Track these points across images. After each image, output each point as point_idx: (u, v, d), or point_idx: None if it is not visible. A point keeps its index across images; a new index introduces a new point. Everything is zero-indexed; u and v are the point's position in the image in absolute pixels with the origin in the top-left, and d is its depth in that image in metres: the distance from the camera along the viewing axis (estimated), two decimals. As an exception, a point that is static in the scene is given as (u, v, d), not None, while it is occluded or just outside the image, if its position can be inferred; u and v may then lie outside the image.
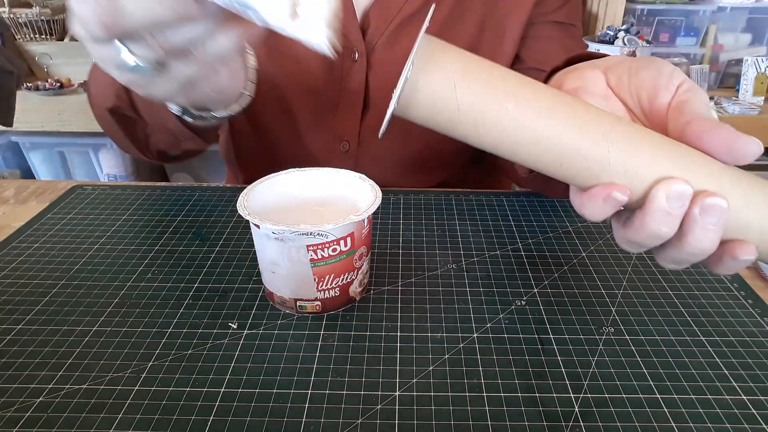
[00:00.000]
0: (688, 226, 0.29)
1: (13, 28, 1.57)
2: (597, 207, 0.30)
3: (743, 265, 0.31)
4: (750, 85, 1.55)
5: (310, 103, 0.63)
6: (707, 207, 0.29)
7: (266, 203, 0.43)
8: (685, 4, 1.67)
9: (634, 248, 0.32)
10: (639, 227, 0.30)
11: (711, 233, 0.29)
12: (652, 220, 0.30)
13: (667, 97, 0.32)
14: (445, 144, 0.65)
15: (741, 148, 0.29)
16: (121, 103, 0.52)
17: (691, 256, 0.31)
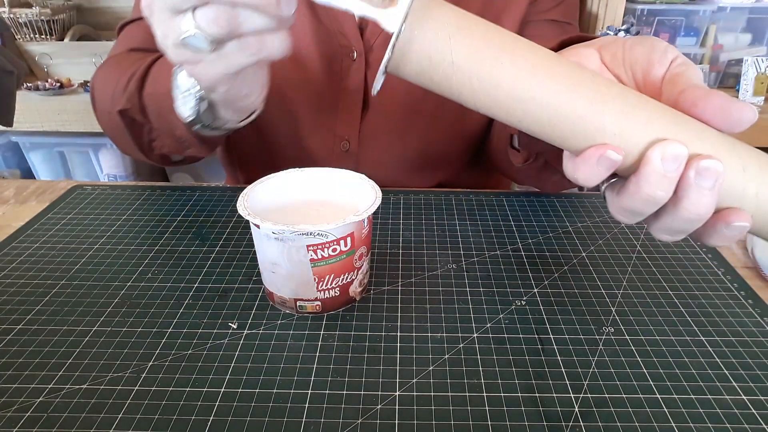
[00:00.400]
0: (684, 190, 0.29)
1: (13, 28, 1.57)
2: (591, 169, 0.30)
3: (737, 234, 0.30)
4: (750, 85, 1.55)
5: (309, 103, 0.63)
6: (703, 170, 0.28)
7: (266, 203, 0.43)
8: (685, 4, 1.67)
9: (629, 217, 0.32)
10: (634, 192, 0.30)
11: (706, 197, 0.29)
12: (647, 183, 0.29)
13: (661, 71, 0.32)
14: (445, 143, 0.66)
15: (736, 113, 0.29)
16: (131, 106, 0.52)
17: (687, 222, 0.30)
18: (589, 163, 0.30)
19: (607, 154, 0.29)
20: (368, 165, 0.65)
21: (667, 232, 0.32)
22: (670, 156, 0.28)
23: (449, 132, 0.65)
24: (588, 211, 0.58)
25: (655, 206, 0.30)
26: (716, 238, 0.31)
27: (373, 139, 0.64)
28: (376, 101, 0.62)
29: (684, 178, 0.29)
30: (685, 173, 0.29)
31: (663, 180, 0.29)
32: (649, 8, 1.68)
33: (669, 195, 0.29)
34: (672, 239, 0.32)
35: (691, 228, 0.31)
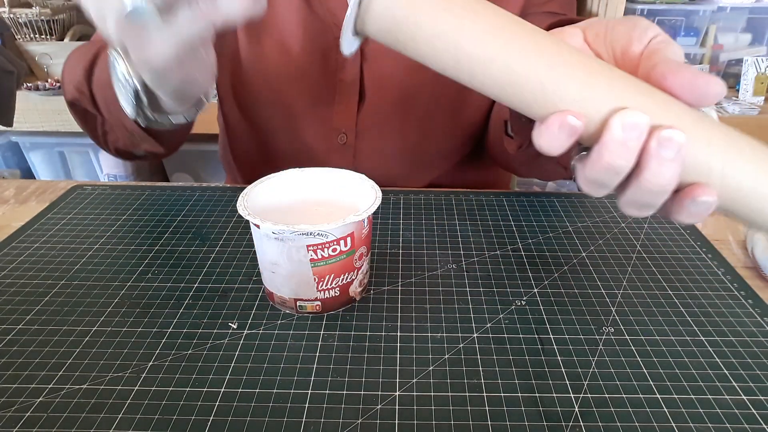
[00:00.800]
0: (645, 160, 0.29)
1: (13, 28, 1.57)
2: (552, 136, 0.30)
3: (704, 210, 0.30)
4: (750, 85, 1.55)
5: (306, 95, 0.63)
6: (664, 140, 0.28)
7: (266, 203, 0.43)
8: (685, 4, 1.67)
9: (594, 189, 0.32)
10: (596, 160, 0.30)
11: (668, 168, 0.29)
12: (607, 152, 0.29)
13: (640, 48, 0.32)
14: (443, 134, 0.66)
15: (702, 86, 0.29)
16: (80, 96, 0.51)
17: (650, 194, 0.30)
18: (550, 129, 0.30)
19: (567, 120, 0.29)
20: (366, 158, 0.65)
21: (633, 205, 0.31)
22: (630, 123, 0.28)
23: (447, 122, 0.65)
24: (588, 211, 0.58)
25: (618, 176, 0.30)
26: (683, 214, 0.31)
27: (370, 131, 0.64)
28: (373, 93, 0.62)
29: (646, 148, 0.29)
30: (647, 143, 0.29)
31: (623, 148, 0.29)
32: (649, 8, 1.68)
33: (630, 164, 0.29)
34: (639, 214, 0.32)
35: (656, 201, 0.31)
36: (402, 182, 0.66)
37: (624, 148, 0.29)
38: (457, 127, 0.66)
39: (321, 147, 0.65)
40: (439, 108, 0.63)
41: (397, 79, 0.62)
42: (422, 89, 0.62)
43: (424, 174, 0.68)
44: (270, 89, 0.63)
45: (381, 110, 0.63)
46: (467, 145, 0.69)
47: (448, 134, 0.66)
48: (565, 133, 0.29)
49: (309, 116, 0.64)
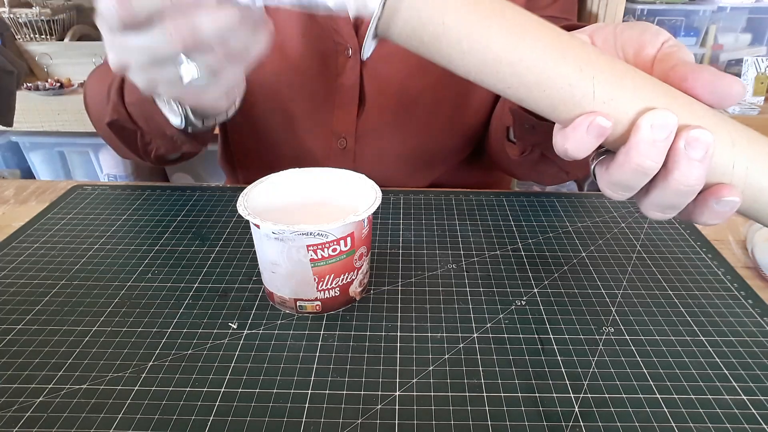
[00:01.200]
0: (674, 161, 0.29)
1: (13, 28, 1.57)
2: (580, 137, 0.30)
3: (728, 210, 0.30)
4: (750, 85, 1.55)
5: (305, 101, 0.63)
6: (692, 140, 0.28)
7: (266, 203, 0.43)
8: (685, 4, 1.67)
9: (619, 192, 0.31)
10: (623, 162, 0.29)
11: (696, 168, 0.29)
12: (636, 152, 0.29)
13: (653, 51, 0.32)
14: (443, 139, 0.66)
15: (724, 87, 0.29)
16: (119, 116, 0.53)
17: (677, 195, 0.30)
18: (578, 132, 0.29)
19: (597, 121, 0.29)
20: (366, 162, 0.65)
21: (658, 207, 0.31)
22: (659, 124, 0.28)
23: (447, 126, 0.65)
24: (588, 211, 0.58)
25: (645, 177, 0.30)
26: (707, 215, 0.31)
27: (370, 136, 0.64)
28: (373, 98, 0.62)
29: (674, 149, 0.29)
30: (675, 143, 0.29)
31: (653, 149, 0.29)
32: (649, 8, 1.68)
33: (658, 165, 0.29)
34: (662, 216, 0.32)
35: (682, 202, 0.30)
36: (402, 185, 0.66)
37: (653, 148, 0.28)
38: (456, 130, 0.66)
39: (321, 151, 0.65)
40: (439, 112, 0.64)
41: (396, 84, 0.62)
42: (422, 94, 0.62)
43: (423, 176, 0.68)
44: (270, 93, 0.63)
45: (381, 115, 0.63)
46: (467, 147, 0.69)
47: (448, 138, 0.66)
48: (593, 134, 0.29)
49: (309, 121, 0.64)
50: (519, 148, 0.57)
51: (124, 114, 0.52)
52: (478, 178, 0.73)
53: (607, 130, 0.29)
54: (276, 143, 0.67)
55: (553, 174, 0.60)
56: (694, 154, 0.28)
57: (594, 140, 0.29)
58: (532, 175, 0.63)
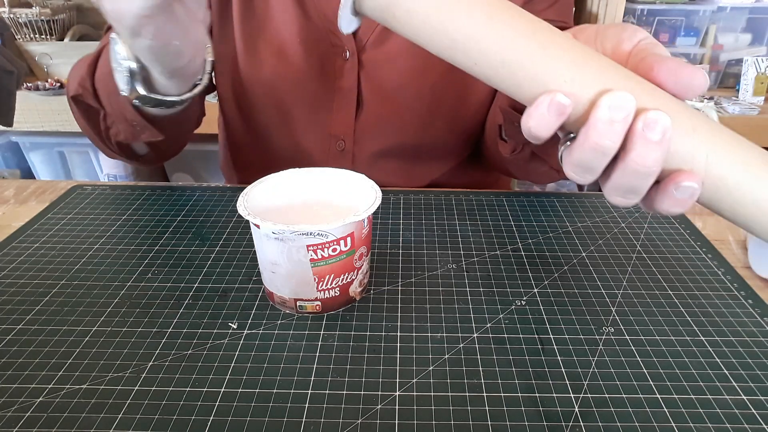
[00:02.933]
0: (631, 142, 0.29)
1: (13, 28, 1.57)
2: (541, 115, 0.30)
3: (688, 197, 0.30)
4: (750, 85, 1.55)
5: (303, 103, 0.63)
6: (650, 121, 0.29)
7: (266, 203, 0.43)
8: (685, 4, 1.67)
9: (580, 173, 0.32)
10: (582, 142, 0.30)
11: (654, 150, 0.29)
12: (595, 132, 0.29)
13: (629, 47, 0.33)
14: (441, 140, 0.66)
15: (686, 77, 0.30)
16: (83, 91, 0.53)
17: (635, 177, 0.30)
18: (539, 109, 0.30)
19: (556, 98, 0.30)
20: (364, 163, 0.65)
21: (618, 191, 0.32)
22: (617, 104, 0.29)
23: (445, 128, 0.65)
24: (588, 211, 0.58)
25: (604, 158, 0.30)
26: (667, 202, 0.31)
27: (368, 138, 0.64)
28: (371, 101, 0.62)
29: (632, 130, 0.29)
30: (633, 125, 0.29)
31: (610, 128, 0.29)
32: (649, 8, 1.68)
33: (616, 146, 0.30)
34: (624, 202, 0.32)
35: (641, 185, 0.31)
36: (400, 186, 0.66)
37: (611, 128, 0.29)
38: (455, 132, 0.66)
39: (319, 153, 0.65)
40: (437, 114, 0.64)
41: (394, 87, 0.62)
42: (420, 96, 0.62)
43: (422, 178, 0.68)
44: (268, 96, 0.63)
45: (379, 118, 0.63)
46: (466, 148, 0.69)
47: (447, 139, 0.66)
48: (553, 112, 0.30)
49: (307, 123, 0.64)
50: (510, 146, 0.57)
51: (89, 90, 0.52)
52: (478, 178, 0.73)
53: (566, 108, 0.30)
54: (274, 146, 0.67)
55: (545, 172, 0.60)
56: (651, 135, 0.29)
57: (554, 118, 0.30)
58: (525, 173, 0.64)
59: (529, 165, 0.59)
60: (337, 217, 0.39)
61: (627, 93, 0.29)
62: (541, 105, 0.30)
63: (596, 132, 0.29)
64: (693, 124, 0.30)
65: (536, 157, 0.57)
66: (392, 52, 0.61)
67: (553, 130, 0.31)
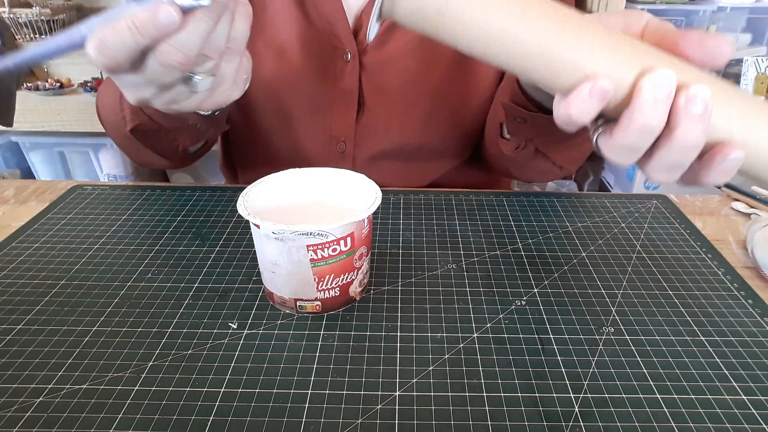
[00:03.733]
0: (676, 118, 0.30)
1: (13, 28, 1.57)
2: (583, 101, 0.30)
3: (733, 167, 0.31)
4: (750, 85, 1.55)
5: (304, 105, 0.63)
6: (692, 96, 0.29)
7: (266, 203, 0.43)
8: (685, 4, 1.67)
9: (624, 155, 0.32)
10: (628, 124, 0.30)
11: (698, 124, 0.30)
12: (640, 113, 0.30)
13: (638, 28, 0.33)
14: (442, 141, 0.66)
15: (713, 45, 0.31)
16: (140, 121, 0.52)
17: (682, 153, 0.31)
18: (581, 95, 0.30)
19: (599, 84, 0.30)
20: (364, 165, 0.65)
21: (664, 168, 0.32)
22: (660, 83, 0.29)
23: (446, 130, 0.65)
24: (588, 211, 0.58)
25: (650, 137, 0.31)
26: (713, 174, 0.31)
27: (368, 140, 0.64)
28: (372, 102, 0.63)
29: (675, 107, 0.30)
30: (675, 101, 0.30)
31: (655, 107, 0.30)
32: (649, 8, 1.68)
33: (662, 123, 0.30)
34: (668, 177, 0.33)
35: (686, 160, 0.31)
36: (400, 187, 0.66)
37: (656, 107, 0.29)
38: (455, 134, 0.66)
39: (320, 155, 0.65)
40: (438, 116, 0.64)
41: (396, 89, 0.62)
42: (421, 98, 0.62)
43: (422, 178, 0.68)
44: (269, 98, 0.63)
45: (380, 119, 0.63)
46: (466, 150, 0.69)
47: (447, 141, 0.66)
48: (596, 98, 0.30)
49: (308, 125, 0.64)
50: (513, 144, 0.57)
51: (143, 117, 0.52)
52: (478, 178, 0.73)
53: (609, 93, 0.30)
54: (275, 147, 0.67)
55: (547, 169, 0.60)
56: (694, 109, 0.29)
57: (596, 104, 0.30)
58: (527, 172, 0.64)
59: (531, 162, 0.59)
60: (337, 217, 0.39)
61: (668, 70, 0.29)
62: (582, 92, 0.30)
63: (641, 113, 0.30)
64: (726, 95, 0.31)
65: (539, 153, 0.57)
66: (393, 54, 0.61)
67: (594, 115, 0.31)
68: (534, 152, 0.57)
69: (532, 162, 0.59)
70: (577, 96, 0.31)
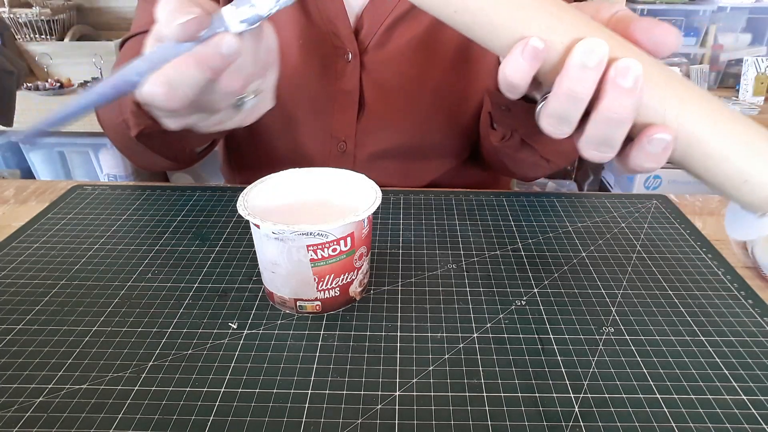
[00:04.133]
0: (604, 90, 0.30)
1: (13, 28, 1.57)
2: (516, 61, 0.31)
3: (661, 151, 0.31)
4: (750, 85, 1.55)
5: (305, 105, 0.63)
6: (622, 68, 0.29)
7: (266, 203, 0.43)
8: (685, 4, 1.67)
9: (555, 124, 0.33)
10: (557, 90, 0.31)
11: (626, 98, 0.30)
12: (569, 79, 0.30)
13: (607, 15, 0.34)
14: (442, 139, 0.66)
15: (660, 34, 0.31)
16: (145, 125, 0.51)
17: (609, 126, 0.31)
18: (514, 55, 0.31)
19: (530, 42, 0.30)
20: (365, 164, 0.65)
21: (593, 142, 0.32)
22: (589, 49, 0.30)
23: (445, 128, 0.65)
24: (588, 211, 0.58)
25: (578, 105, 0.31)
26: (641, 156, 0.32)
27: (369, 140, 0.64)
28: (372, 102, 0.63)
29: (604, 78, 0.30)
30: (605, 73, 0.30)
31: (583, 74, 0.30)
32: (649, 8, 1.68)
33: (590, 92, 0.30)
34: (600, 156, 0.33)
35: (615, 136, 0.32)
36: (400, 186, 0.66)
37: (584, 74, 0.30)
38: (455, 133, 0.66)
39: (320, 155, 0.65)
40: (438, 115, 0.64)
41: (396, 88, 0.62)
42: (422, 97, 0.62)
43: (421, 177, 0.68)
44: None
45: (380, 119, 0.63)
46: (466, 149, 0.69)
47: (447, 140, 0.66)
48: (528, 56, 0.31)
49: (308, 125, 0.64)
50: (499, 134, 0.57)
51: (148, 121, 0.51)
52: (477, 178, 0.73)
53: (539, 52, 0.30)
54: (275, 147, 0.67)
55: (535, 162, 0.60)
56: (623, 82, 0.30)
57: (529, 63, 0.31)
58: (517, 165, 0.64)
59: (519, 154, 0.59)
60: (337, 217, 0.39)
61: (600, 40, 0.30)
62: (515, 51, 0.31)
63: (569, 78, 0.30)
64: (665, 78, 0.31)
65: (526, 145, 0.57)
66: (394, 54, 0.61)
67: (528, 76, 0.31)
68: (520, 143, 0.57)
69: (519, 154, 0.59)
70: (511, 55, 0.31)
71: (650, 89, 0.30)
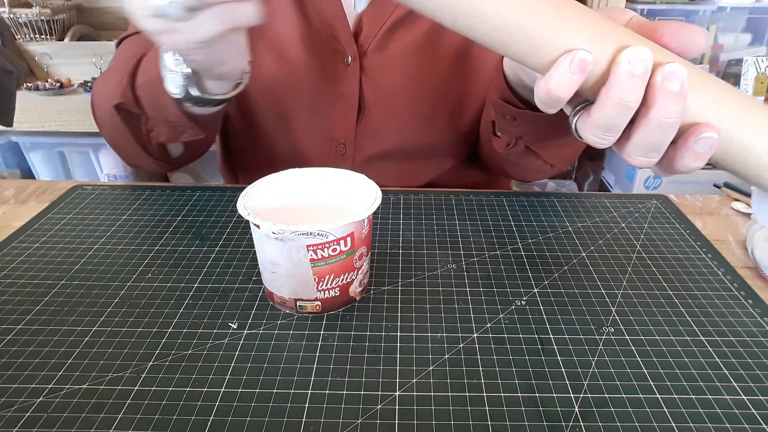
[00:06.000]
0: (653, 95, 0.30)
1: (13, 28, 1.57)
2: (563, 75, 0.31)
3: (707, 149, 0.31)
4: (750, 85, 1.55)
5: (305, 107, 0.63)
6: (668, 73, 0.30)
7: (266, 203, 0.43)
8: (685, 4, 1.67)
9: (602, 134, 0.33)
10: (606, 100, 0.31)
11: (675, 101, 0.30)
12: (617, 88, 0.30)
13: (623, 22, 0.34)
14: (441, 142, 0.66)
15: (688, 35, 0.31)
16: (126, 99, 0.54)
17: (659, 131, 0.31)
18: (560, 68, 0.31)
19: (578, 56, 0.30)
20: (364, 166, 0.65)
21: (642, 149, 0.32)
22: (636, 58, 0.30)
23: (445, 132, 0.65)
24: (588, 211, 0.58)
25: (627, 113, 0.31)
26: (687, 156, 0.32)
27: (368, 141, 0.64)
28: (372, 105, 0.63)
29: (652, 84, 0.30)
30: (652, 79, 0.30)
31: (632, 81, 0.30)
32: (649, 8, 1.68)
33: (639, 99, 0.30)
34: (647, 161, 0.33)
35: (663, 140, 0.32)
36: (398, 186, 0.66)
37: (632, 82, 0.30)
38: (455, 134, 0.66)
39: (320, 157, 0.65)
40: (437, 117, 0.64)
41: (396, 91, 0.62)
42: (421, 100, 0.62)
43: (420, 177, 0.68)
44: (269, 100, 0.63)
45: (380, 121, 0.63)
46: (465, 150, 0.69)
47: (446, 141, 0.66)
48: (576, 69, 0.30)
49: (308, 127, 0.64)
50: (504, 141, 0.57)
51: (130, 97, 0.54)
52: (478, 178, 0.73)
53: (588, 65, 0.30)
54: (275, 150, 0.67)
55: (539, 167, 0.60)
56: (671, 86, 0.30)
57: (576, 77, 0.31)
58: (520, 170, 0.64)
59: (523, 160, 0.59)
60: (338, 217, 0.39)
61: (643, 46, 0.30)
62: (562, 65, 0.31)
63: (618, 88, 0.30)
64: (701, 78, 0.31)
65: (530, 151, 0.57)
66: (394, 57, 0.61)
67: (574, 90, 0.31)
68: (524, 150, 0.57)
69: (523, 160, 0.59)
70: (557, 69, 0.31)
71: (691, 89, 0.31)
